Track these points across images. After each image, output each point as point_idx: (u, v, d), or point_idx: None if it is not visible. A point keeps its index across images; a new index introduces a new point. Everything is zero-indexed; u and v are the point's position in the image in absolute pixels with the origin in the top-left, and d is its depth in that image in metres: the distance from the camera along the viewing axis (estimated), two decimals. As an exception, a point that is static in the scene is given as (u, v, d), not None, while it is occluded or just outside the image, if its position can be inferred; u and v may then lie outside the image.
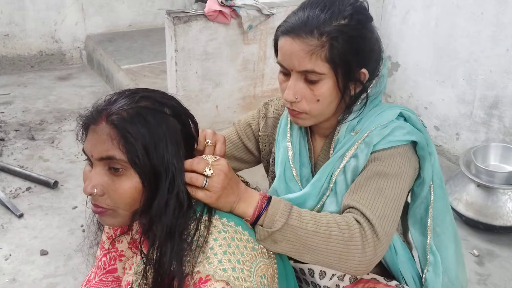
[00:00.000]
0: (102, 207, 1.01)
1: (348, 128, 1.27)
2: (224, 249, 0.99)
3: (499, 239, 2.57)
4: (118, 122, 0.98)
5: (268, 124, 1.47)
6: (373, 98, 1.28)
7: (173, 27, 2.90)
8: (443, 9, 3.15)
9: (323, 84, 1.19)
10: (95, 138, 1.00)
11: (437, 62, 3.22)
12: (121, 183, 0.99)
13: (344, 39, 1.17)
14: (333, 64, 1.17)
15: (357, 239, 1.08)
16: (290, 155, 1.34)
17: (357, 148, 1.22)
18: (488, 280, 2.32)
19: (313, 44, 1.16)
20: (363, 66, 1.22)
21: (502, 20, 2.83)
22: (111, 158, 0.98)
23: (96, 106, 1.04)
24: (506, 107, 2.93)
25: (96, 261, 1.26)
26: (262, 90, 3.38)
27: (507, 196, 2.53)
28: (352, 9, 1.20)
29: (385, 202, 1.13)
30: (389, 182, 1.16)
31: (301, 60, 1.17)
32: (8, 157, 3.26)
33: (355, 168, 1.22)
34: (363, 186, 1.16)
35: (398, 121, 1.24)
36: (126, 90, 1.06)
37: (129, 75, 4.11)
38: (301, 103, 1.22)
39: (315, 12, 1.18)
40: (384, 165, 1.18)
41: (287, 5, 3.21)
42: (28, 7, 4.60)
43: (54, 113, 3.92)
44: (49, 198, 2.86)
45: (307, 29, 1.17)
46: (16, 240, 2.51)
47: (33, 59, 4.79)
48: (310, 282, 1.31)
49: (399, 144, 1.21)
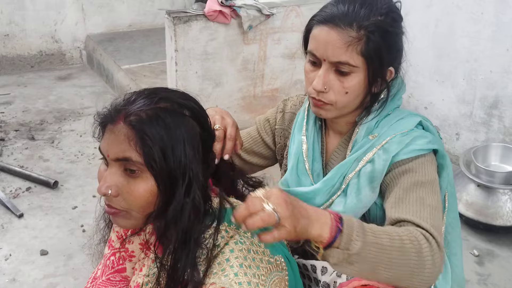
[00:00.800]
0: (116, 208, 1.00)
1: (366, 130, 1.27)
2: (241, 262, 0.97)
3: (499, 239, 2.57)
4: (136, 123, 0.96)
5: (285, 118, 1.49)
6: (394, 99, 1.29)
7: (173, 27, 2.90)
8: (443, 9, 3.14)
9: (354, 77, 1.21)
10: (112, 138, 0.98)
11: (437, 62, 3.21)
12: (136, 185, 0.98)
13: (380, 34, 1.19)
14: (368, 58, 1.19)
15: (426, 250, 1.04)
16: (304, 149, 1.35)
17: (375, 153, 1.22)
18: (488, 280, 2.32)
19: (351, 36, 1.18)
20: (391, 64, 1.24)
21: (502, 20, 2.83)
22: (127, 160, 0.97)
23: (115, 105, 1.02)
24: (506, 107, 2.93)
25: (104, 260, 1.24)
26: (262, 90, 3.38)
27: (507, 196, 2.52)
28: (388, 7, 1.23)
29: (431, 212, 1.13)
30: (427, 190, 1.16)
31: (337, 50, 1.18)
32: (8, 157, 3.26)
33: (371, 173, 1.22)
34: (404, 198, 1.15)
35: (419, 130, 1.25)
36: (145, 90, 1.04)
37: (129, 75, 4.11)
38: (329, 93, 1.23)
39: (355, 6, 1.20)
40: (418, 175, 1.18)
41: (287, 5, 3.21)
42: (28, 7, 4.61)
43: (54, 113, 3.92)
44: (49, 198, 2.86)
45: (347, 20, 1.18)
46: (16, 240, 2.51)
47: (33, 59, 4.79)
48: (313, 278, 1.31)
49: (424, 152, 1.21)
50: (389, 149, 1.21)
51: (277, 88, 3.42)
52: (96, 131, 1.06)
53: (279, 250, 1.07)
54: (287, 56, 3.33)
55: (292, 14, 3.24)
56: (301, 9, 3.26)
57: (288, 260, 1.10)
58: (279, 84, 3.42)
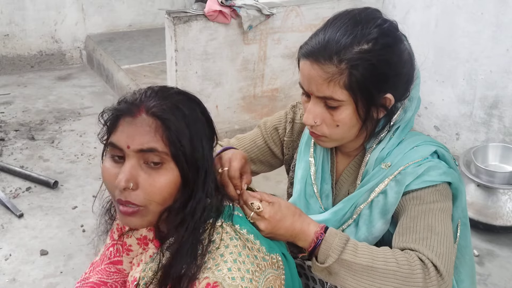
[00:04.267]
0: (135, 205, 0.97)
1: (377, 159, 1.23)
2: (235, 257, 0.97)
3: (499, 239, 2.57)
4: (161, 113, 0.96)
5: (294, 130, 1.43)
6: (403, 125, 1.23)
7: (173, 27, 2.90)
8: (443, 9, 3.15)
9: (342, 110, 1.15)
10: (132, 130, 0.96)
11: (437, 62, 3.22)
12: (159, 176, 0.96)
13: (365, 66, 1.11)
14: (352, 91, 1.13)
15: (418, 277, 1.04)
16: (312, 171, 1.31)
17: (387, 185, 1.18)
18: (488, 280, 2.32)
19: (330, 72, 1.11)
20: (387, 91, 1.16)
21: (502, 20, 2.83)
22: (152, 151, 0.95)
23: (131, 99, 1.00)
24: (506, 107, 2.93)
25: (104, 249, 1.24)
26: (262, 90, 3.38)
27: (507, 196, 2.52)
28: (378, 31, 1.13)
29: (440, 239, 1.10)
30: (436, 217, 1.13)
31: (319, 86, 1.13)
32: (8, 157, 3.26)
33: (383, 205, 1.19)
34: (412, 227, 1.13)
35: (433, 159, 1.19)
36: (155, 86, 1.05)
37: (129, 75, 4.11)
38: (321, 126, 1.19)
39: (336, 35, 1.13)
40: (426, 202, 1.15)
41: (287, 5, 3.21)
42: (28, 7, 4.60)
43: (54, 113, 3.92)
44: (49, 198, 2.86)
45: (326, 54, 1.12)
46: (16, 240, 2.51)
47: (33, 59, 4.79)
48: (310, 277, 1.31)
49: (436, 183, 1.17)
50: (402, 180, 1.17)
51: (277, 88, 3.42)
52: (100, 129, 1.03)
53: (276, 249, 1.08)
54: (287, 56, 3.33)
55: (292, 14, 3.24)
56: (301, 9, 3.26)
57: (286, 259, 1.11)
58: (279, 84, 3.42)
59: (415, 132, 1.27)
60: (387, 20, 1.17)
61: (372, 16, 1.17)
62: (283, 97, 3.48)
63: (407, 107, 1.23)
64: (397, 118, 1.22)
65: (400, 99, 1.20)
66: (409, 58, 1.20)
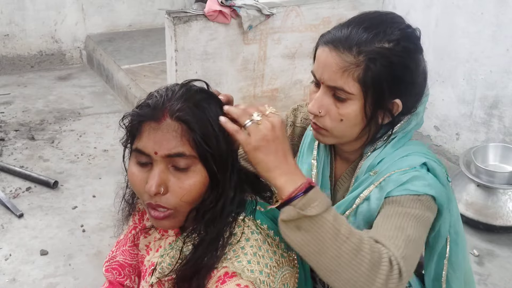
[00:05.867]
0: (166, 208, 0.98)
1: (369, 166, 1.21)
2: (255, 251, 0.98)
3: (499, 239, 2.57)
4: (184, 117, 0.96)
5: (295, 133, 1.41)
6: (400, 136, 1.21)
7: (173, 27, 2.90)
8: (443, 9, 3.15)
9: (350, 104, 1.13)
10: (159, 136, 0.96)
11: (437, 62, 3.21)
12: (188, 179, 0.97)
13: (383, 63, 1.10)
14: (365, 86, 1.11)
15: (384, 269, 0.98)
16: (313, 174, 1.30)
17: (372, 191, 1.16)
18: (488, 280, 2.32)
19: (348, 61, 1.11)
20: (397, 96, 1.15)
21: (502, 20, 2.83)
22: (180, 155, 0.96)
23: (153, 103, 0.99)
24: (506, 107, 2.93)
25: (128, 230, 1.27)
26: (262, 90, 3.38)
27: (507, 196, 2.53)
28: (400, 34, 1.13)
29: (407, 242, 1.05)
30: (410, 222, 1.08)
31: (333, 74, 1.12)
32: (8, 157, 3.26)
33: (367, 211, 1.17)
34: (383, 224, 1.09)
35: (420, 170, 1.15)
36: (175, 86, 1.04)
37: (129, 75, 4.11)
38: (324, 118, 1.17)
39: (359, 29, 1.12)
40: (403, 206, 1.11)
41: (287, 5, 3.21)
42: (28, 7, 4.61)
43: (54, 113, 3.92)
44: (49, 198, 2.86)
45: (347, 44, 1.11)
46: (16, 240, 2.51)
47: (33, 59, 4.79)
48: (312, 277, 1.30)
49: (418, 194, 1.12)
50: (384, 187, 1.14)
51: (277, 88, 3.42)
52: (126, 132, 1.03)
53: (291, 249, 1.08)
54: (287, 56, 3.33)
55: (292, 14, 3.24)
56: (301, 9, 3.26)
57: (301, 259, 1.11)
58: (279, 84, 3.42)
59: (414, 142, 1.25)
60: (411, 26, 1.17)
61: (397, 20, 1.17)
62: (283, 97, 3.48)
63: (410, 120, 1.22)
64: (397, 129, 1.21)
65: (407, 111, 1.19)
66: (424, 72, 1.19)
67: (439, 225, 1.19)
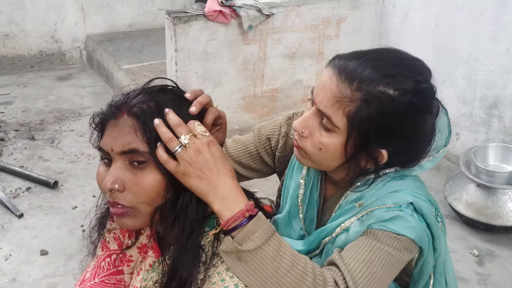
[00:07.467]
0: (123, 206, 0.96)
1: (356, 198, 1.16)
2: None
3: (499, 239, 2.57)
4: (140, 113, 0.95)
5: (287, 145, 1.35)
6: (394, 176, 1.15)
7: (173, 27, 2.90)
8: (443, 9, 3.15)
9: (333, 137, 1.08)
10: (116, 132, 0.96)
11: (437, 62, 3.21)
12: (144, 176, 0.95)
13: (378, 109, 1.02)
14: (351, 124, 1.04)
15: None
16: (300, 194, 1.26)
17: (352, 223, 1.12)
18: (488, 280, 2.32)
19: (344, 93, 1.04)
20: (385, 147, 1.08)
21: (502, 20, 2.83)
22: (134, 151, 0.95)
23: (115, 102, 1.01)
24: (506, 107, 2.93)
25: (97, 261, 1.21)
26: (262, 90, 3.38)
27: (507, 196, 2.53)
28: (411, 86, 1.03)
29: (370, 279, 1.02)
30: (381, 259, 1.05)
31: (326, 100, 1.06)
32: (8, 157, 3.26)
33: (344, 242, 1.12)
34: (352, 253, 1.05)
35: (405, 210, 1.09)
36: (140, 86, 1.04)
37: (129, 75, 4.11)
38: (306, 140, 1.12)
39: (369, 64, 1.04)
40: (379, 241, 1.07)
41: (287, 5, 3.22)
42: (28, 7, 4.61)
43: (54, 113, 3.92)
44: (49, 198, 2.86)
45: (349, 75, 1.04)
46: (16, 240, 2.51)
47: (33, 59, 4.79)
48: None
49: (399, 233, 1.07)
50: (365, 221, 1.10)
51: (277, 88, 3.42)
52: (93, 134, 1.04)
53: None
54: (287, 56, 3.33)
55: (292, 14, 3.24)
56: (301, 9, 3.26)
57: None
58: (279, 84, 3.42)
59: (410, 177, 1.17)
60: (429, 82, 1.08)
61: (417, 70, 1.09)
62: (283, 97, 3.48)
63: (412, 170, 1.16)
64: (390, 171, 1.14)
65: (397, 164, 1.13)
66: (428, 131, 1.12)
67: (421, 263, 1.15)
